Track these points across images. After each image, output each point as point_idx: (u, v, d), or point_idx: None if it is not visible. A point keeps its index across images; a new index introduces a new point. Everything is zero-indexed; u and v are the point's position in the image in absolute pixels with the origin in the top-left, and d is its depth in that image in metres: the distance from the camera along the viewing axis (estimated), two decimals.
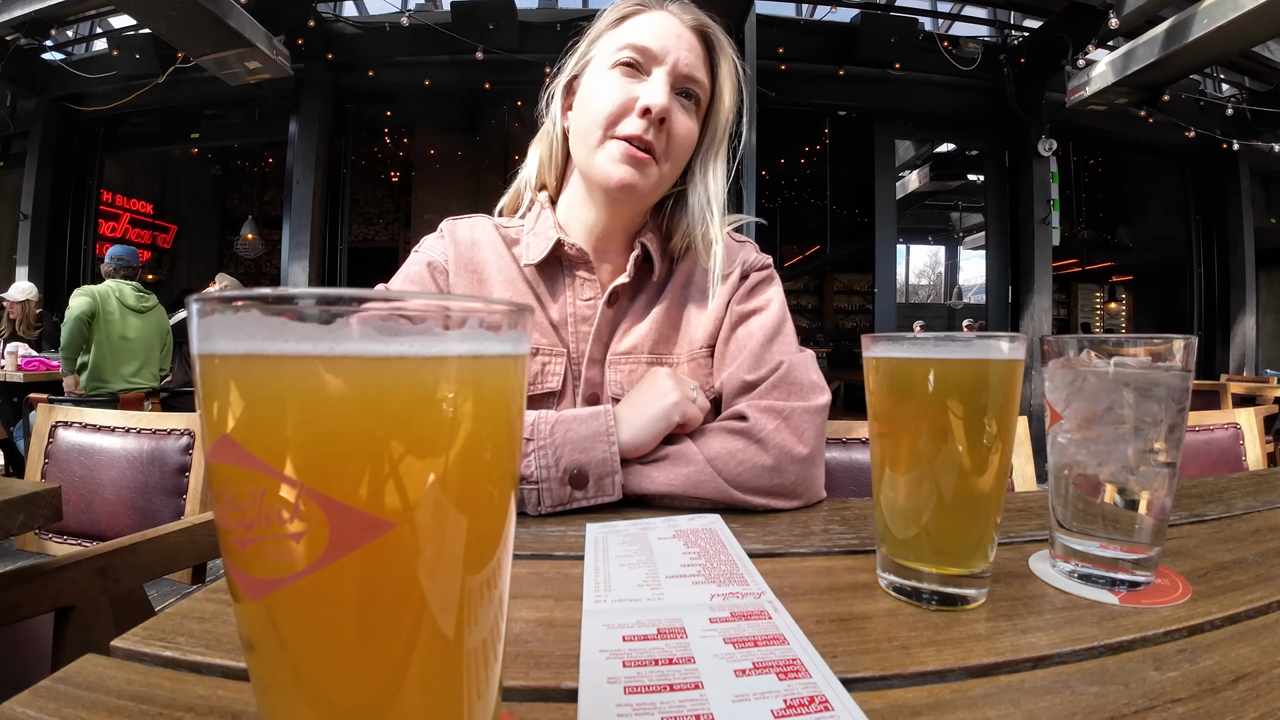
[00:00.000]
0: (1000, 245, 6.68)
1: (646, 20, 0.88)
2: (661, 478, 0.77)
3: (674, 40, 0.86)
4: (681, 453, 0.78)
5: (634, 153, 0.84)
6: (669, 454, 0.79)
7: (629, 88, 0.85)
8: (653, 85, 0.85)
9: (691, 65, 0.87)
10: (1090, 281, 11.82)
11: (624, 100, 0.84)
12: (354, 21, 6.18)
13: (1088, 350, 0.53)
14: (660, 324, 0.93)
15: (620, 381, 0.90)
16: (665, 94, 0.84)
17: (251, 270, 10.73)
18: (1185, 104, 6.33)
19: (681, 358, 0.92)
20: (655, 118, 0.83)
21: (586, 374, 0.91)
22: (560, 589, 0.51)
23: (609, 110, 0.85)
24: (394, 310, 0.21)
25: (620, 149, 0.85)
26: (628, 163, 0.85)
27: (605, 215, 0.93)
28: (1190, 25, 4.56)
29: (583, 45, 0.94)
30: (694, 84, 0.88)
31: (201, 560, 0.97)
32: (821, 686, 0.37)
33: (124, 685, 0.37)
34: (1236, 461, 1.57)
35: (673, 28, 0.87)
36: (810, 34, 6.15)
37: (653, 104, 0.83)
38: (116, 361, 3.89)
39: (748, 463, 0.76)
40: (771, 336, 0.90)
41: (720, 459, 0.77)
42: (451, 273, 0.94)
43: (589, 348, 0.91)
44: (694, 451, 0.78)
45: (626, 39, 0.86)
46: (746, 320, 0.92)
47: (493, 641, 0.25)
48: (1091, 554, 0.52)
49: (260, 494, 0.20)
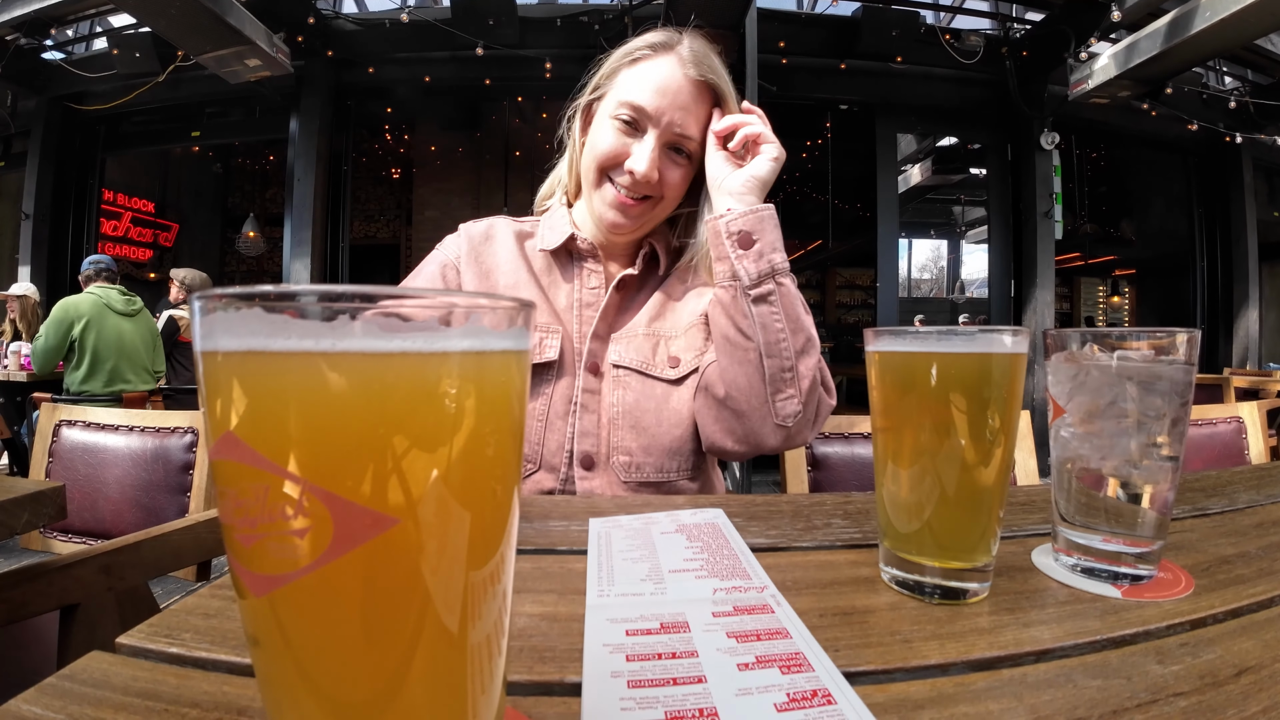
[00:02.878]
0: (1003, 239, 6.66)
1: (652, 71, 0.94)
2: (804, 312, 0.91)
3: (670, 100, 0.92)
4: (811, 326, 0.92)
5: (623, 201, 0.95)
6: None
7: (623, 142, 0.94)
8: (642, 150, 0.93)
9: (684, 125, 0.94)
10: (1093, 275, 11.77)
11: (617, 154, 0.94)
12: (354, 18, 6.16)
13: (1091, 344, 0.53)
14: (659, 304, 1.02)
15: (620, 352, 0.98)
16: (649, 162, 0.92)
17: (254, 268, 10.75)
18: (1188, 97, 6.30)
19: (679, 330, 1.00)
20: (640, 182, 0.93)
21: (590, 346, 0.98)
22: (563, 583, 0.52)
23: (604, 159, 0.95)
24: (396, 306, 0.21)
25: (612, 196, 0.95)
26: (616, 209, 0.96)
27: (609, 236, 1.01)
28: (1193, 18, 4.54)
29: (602, 72, 1.01)
30: (684, 141, 0.95)
31: (206, 557, 0.98)
32: (824, 680, 0.37)
33: (129, 682, 0.37)
34: (1239, 455, 1.56)
35: (673, 83, 0.93)
36: (811, 28, 6.12)
37: (637, 171, 0.92)
38: (119, 367, 3.83)
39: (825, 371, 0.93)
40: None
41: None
42: (462, 268, 1.02)
43: (594, 326, 0.99)
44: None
45: (628, 95, 0.93)
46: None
47: (496, 636, 0.25)
48: (1094, 548, 0.52)
49: (264, 491, 0.20)
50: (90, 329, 3.75)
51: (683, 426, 0.96)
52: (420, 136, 9.16)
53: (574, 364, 0.98)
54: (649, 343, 0.99)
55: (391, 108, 7.18)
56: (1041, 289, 6.30)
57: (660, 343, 0.99)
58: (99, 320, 3.78)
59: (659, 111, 0.92)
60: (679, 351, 0.98)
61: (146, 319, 4.11)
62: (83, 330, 3.73)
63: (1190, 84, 6.24)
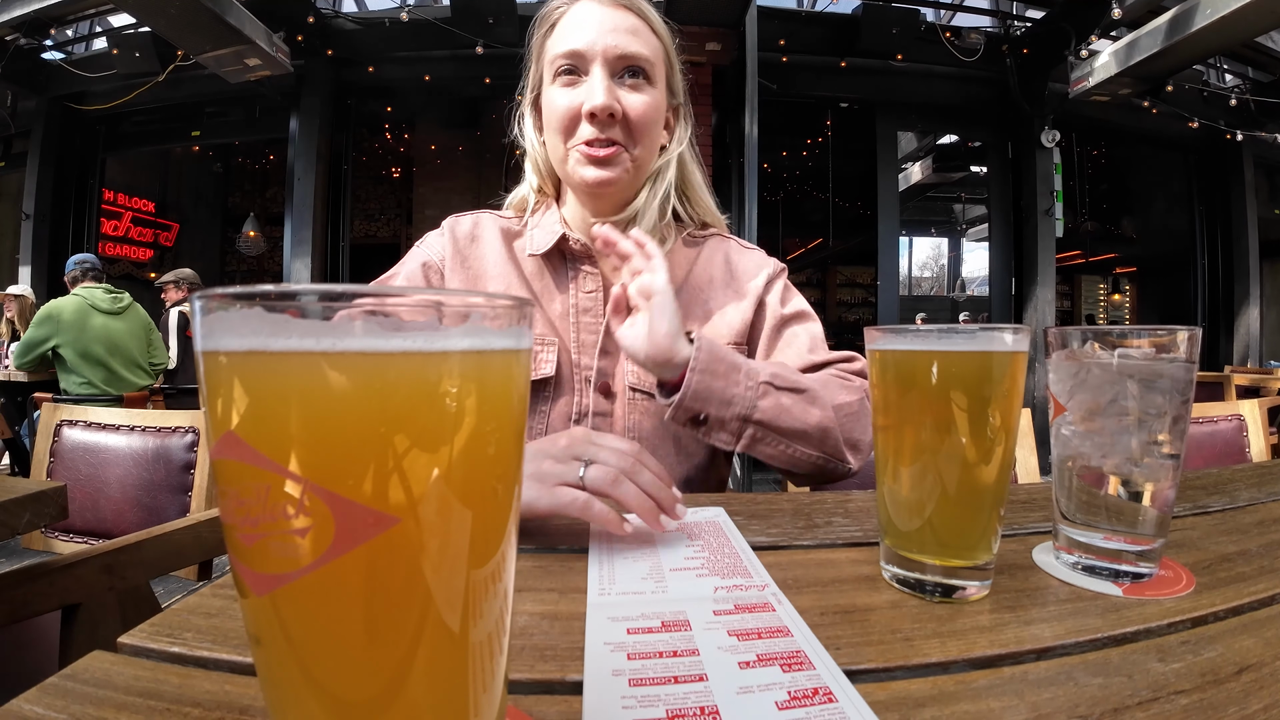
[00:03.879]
0: (1003, 237, 6.66)
1: (572, 18, 0.88)
2: (800, 416, 0.80)
3: (597, 31, 0.86)
4: (818, 395, 0.81)
5: (593, 153, 0.87)
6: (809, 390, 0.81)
7: (572, 96, 0.87)
8: (591, 86, 0.86)
9: (625, 43, 0.86)
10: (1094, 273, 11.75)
11: (570, 110, 0.87)
12: (353, 17, 6.16)
13: (1091, 342, 0.53)
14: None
15: (637, 372, 0.91)
16: (603, 91, 0.85)
17: (254, 267, 10.74)
18: (1189, 95, 6.28)
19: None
20: (601, 118, 0.85)
21: (599, 364, 0.91)
22: (564, 582, 0.52)
23: (561, 122, 0.88)
24: (397, 306, 0.21)
25: (581, 153, 0.88)
26: (592, 164, 0.88)
27: (596, 212, 0.95)
28: (1193, 15, 4.53)
29: (532, 62, 0.96)
30: (636, 59, 0.87)
31: (207, 557, 0.98)
32: (825, 678, 0.37)
33: (131, 681, 0.37)
34: (1240, 453, 1.56)
35: (593, 15, 0.87)
36: (811, 25, 6.11)
37: (594, 106, 0.84)
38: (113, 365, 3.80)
39: (852, 416, 0.83)
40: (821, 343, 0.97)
41: (839, 409, 0.82)
42: (447, 271, 0.96)
43: (600, 341, 0.92)
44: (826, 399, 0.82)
45: (557, 48, 0.87)
46: (791, 324, 0.97)
47: (498, 635, 0.25)
48: (1095, 546, 0.52)
49: (265, 490, 0.20)
50: (69, 339, 3.67)
51: (704, 454, 0.92)
52: (420, 135, 9.15)
53: (573, 379, 0.92)
54: None
55: (391, 107, 7.18)
56: (1042, 287, 6.30)
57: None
58: (81, 324, 3.72)
59: (591, 44, 0.85)
60: None
61: (137, 314, 4.05)
62: (61, 342, 3.67)
63: (1191, 81, 6.23)
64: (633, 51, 0.87)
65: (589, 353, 0.92)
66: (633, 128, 0.88)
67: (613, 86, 0.86)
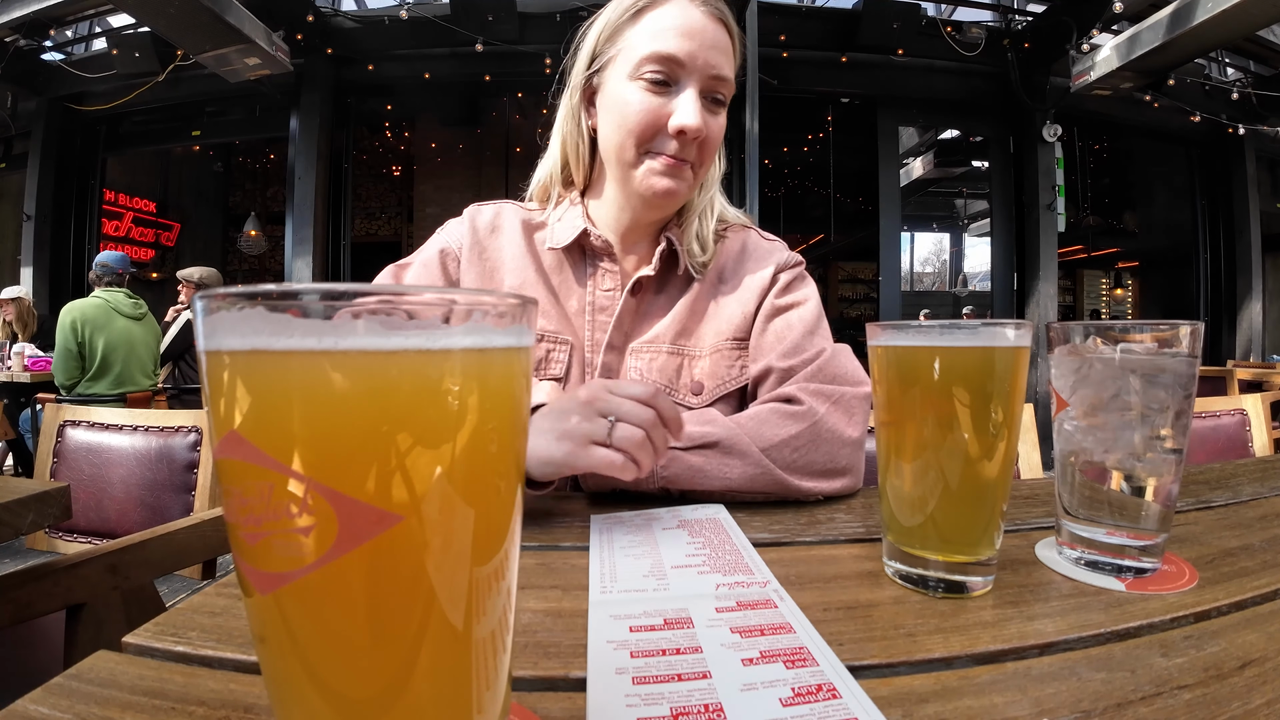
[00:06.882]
0: (1005, 232, 6.65)
1: (668, 16, 0.84)
2: (716, 474, 0.73)
3: (699, 42, 0.82)
4: (734, 444, 0.74)
5: (674, 165, 0.85)
6: (720, 442, 0.74)
7: (660, 105, 0.83)
8: (684, 104, 0.83)
9: (719, 66, 0.84)
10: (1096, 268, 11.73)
11: (656, 119, 0.84)
12: (353, 15, 6.16)
13: (1094, 337, 0.53)
14: (683, 316, 0.92)
15: (640, 369, 0.90)
16: (697, 113, 0.82)
17: (255, 266, 10.75)
18: (1190, 88, 6.27)
19: (704, 350, 0.92)
20: (689, 139, 0.83)
21: (604, 360, 0.90)
22: (567, 579, 0.52)
23: (641, 129, 0.84)
24: (398, 304, 0.21)
25: (661, 163, 0.85)
26: (667, 174, 0.86)
27: (641, 217, 0.93)
28: (1195, 9, 4.52)
29: (598, 37, 0.91)
30: (722, 85, 0.86)
31: (211, 556, 0.98)
32: (829, 674, 0.37)
33: (136, 681, 0.37)
34: (1243, 448, 1.56)
35: (695, 23, 0.83)
36: (812, 20, 6.11)
37: (687, 126, 0.82)
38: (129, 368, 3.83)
39: (803, 448, 0.75)
40: (811, 329, 0.90)
41: (775, 449, 0.74)
42: (464, 260, 0.94)
43: (608, 335, 0.91)
44: (746, 444, 0.74)
45: (651, 47, 0.83)
46: (784, 313, 0.92)
47: (501, 632, 0.25)
48: (1098, 541, 0.52)
49: (268, 489, 0.20)
50: (98, 331, 3.74)
51: None
52: (421, 133, 9.16)
53: (585, 378, 0.90)
54: (673, 362, 0.90)
55: (391, 105, 7.19)
56: (1044, 282, 6.29)
57: (684, 363, 0.91)
58: (106, 323, 3.77)
59: (692, 57, 0.82)
60: (703, 376, 0.90)
61: (152, 323, 4.12)
62: (91, 333, 3.72)
63: (1192, 75, 6.22)
64: (724, 75, 0.85)
65: (601, 350, 0.91)
66: (705, 149, 0.88)
67: (703, 109, 0.84)
